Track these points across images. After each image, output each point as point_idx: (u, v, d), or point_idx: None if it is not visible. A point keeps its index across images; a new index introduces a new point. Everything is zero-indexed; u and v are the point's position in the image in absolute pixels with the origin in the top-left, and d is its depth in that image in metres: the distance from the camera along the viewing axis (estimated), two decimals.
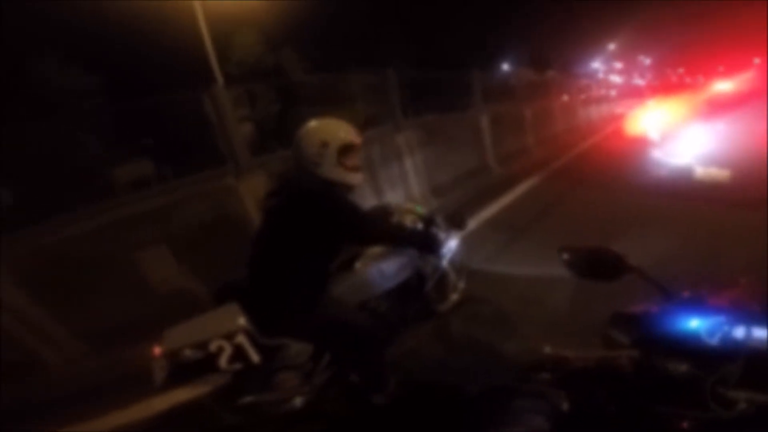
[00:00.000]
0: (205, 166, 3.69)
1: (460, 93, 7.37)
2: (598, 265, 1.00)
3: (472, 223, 4.65)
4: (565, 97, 13.37)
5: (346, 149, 1.66)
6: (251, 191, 3.45)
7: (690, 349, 0.76)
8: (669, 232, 3.52)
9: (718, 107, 13.13)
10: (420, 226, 2.12)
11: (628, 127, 12.14)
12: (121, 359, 2.49)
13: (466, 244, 2.21)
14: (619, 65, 39.99)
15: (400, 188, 5.11)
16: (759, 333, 0.76)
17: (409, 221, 2.17)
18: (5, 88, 10.20)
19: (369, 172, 4.85)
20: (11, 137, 3.69)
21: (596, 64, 36.48)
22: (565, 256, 1.06)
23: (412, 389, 2.00)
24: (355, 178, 1.73)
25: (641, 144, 8.73)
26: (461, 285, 2.36)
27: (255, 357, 1.56)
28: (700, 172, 5.33)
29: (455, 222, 2.17)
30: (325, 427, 1.92)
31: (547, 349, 0.92)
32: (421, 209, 2.24)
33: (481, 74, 7.57)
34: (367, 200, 4.68)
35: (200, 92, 3.51)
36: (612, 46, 38.64)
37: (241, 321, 1.57)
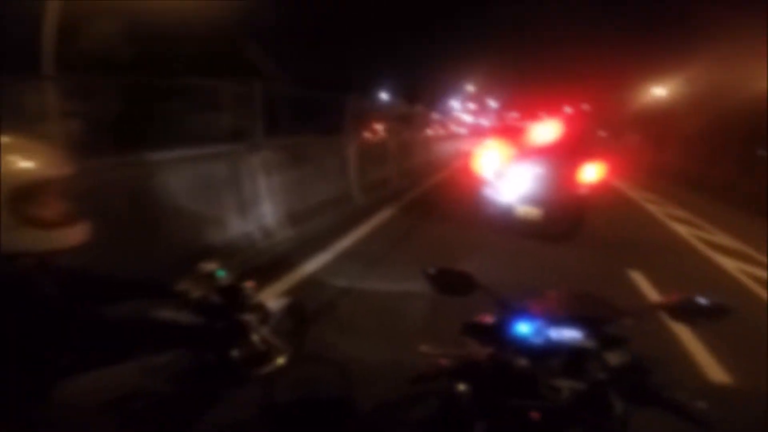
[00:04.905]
0: None
1: (334, 117, 7.47)
2: (454, 283, 1.20)
3: (328, 255, 4.75)
4: (427, 132, 14.70)
5: (31, 192, 0.91)
6: None
7: (526, 348, 0.98)
8: (498, 260, 4.75)
9: (531, 151, 15.51)
10: (216, 299, 1.54)
11: (470, 165, 13.76)
12: None
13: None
14: (472, 106, 44.70)
15: (251, 215, 4.72)
16: (569, 333, 0.99)
17: (198, 294, 1.55)
18: None
19: (210, 194, 4.23)
20: None
21: (455, 103, 40.20)
22: (429, 274, 1.24)
23: None
24: (65, 237, 0.98)
25: (479, 181, 9.95)
26: (287, 351, 1.78)
27: None
28: (520, 210, 6.14)
29: (295, 317, 1.73)
30: None
31: (424, 348, 1.09)
32: (223, 274, 1.57)
33: (356, 100, 7.75)
34: (205, 231, 4.10)
35: None
36: (470, 88, 42.40)
37: None
